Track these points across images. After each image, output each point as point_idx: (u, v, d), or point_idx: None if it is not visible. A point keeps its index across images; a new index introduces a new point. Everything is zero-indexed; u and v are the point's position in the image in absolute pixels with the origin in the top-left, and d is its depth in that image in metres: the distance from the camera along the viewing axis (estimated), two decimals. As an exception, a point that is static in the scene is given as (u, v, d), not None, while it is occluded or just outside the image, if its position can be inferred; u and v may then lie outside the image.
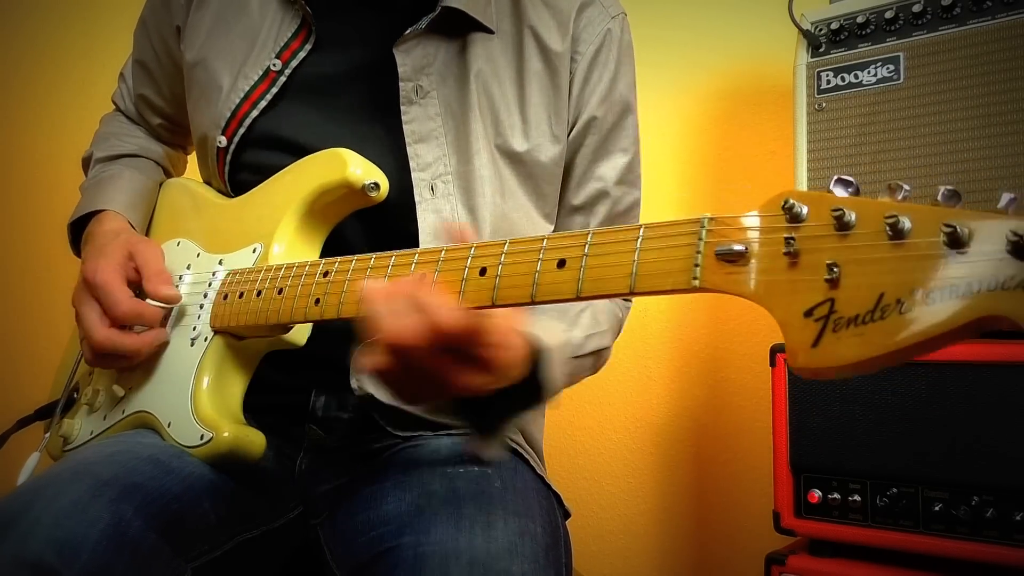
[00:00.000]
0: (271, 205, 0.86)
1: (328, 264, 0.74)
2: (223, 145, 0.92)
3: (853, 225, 0.45)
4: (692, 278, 0.51)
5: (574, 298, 0.57)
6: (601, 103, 0.95)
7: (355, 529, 0.81)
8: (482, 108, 0.91)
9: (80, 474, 0.70)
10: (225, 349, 0.83)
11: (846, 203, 0.45)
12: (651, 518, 1.62)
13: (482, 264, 0.62)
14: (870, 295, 0.43)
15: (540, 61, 0.93)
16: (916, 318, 0.41)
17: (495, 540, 0.71)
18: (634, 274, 0.54)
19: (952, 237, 0.40)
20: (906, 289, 0.41)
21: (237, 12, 0.96)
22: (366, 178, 0.79)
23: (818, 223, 0.46)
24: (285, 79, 0.92)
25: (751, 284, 0.49)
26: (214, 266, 0.88)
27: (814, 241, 0.46)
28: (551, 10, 0.95)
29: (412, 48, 0.89)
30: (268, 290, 0.78)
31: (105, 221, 0.95)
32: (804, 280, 0.46)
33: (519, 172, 0.92)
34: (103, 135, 1.11)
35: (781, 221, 0.48)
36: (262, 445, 0.80)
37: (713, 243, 0.51)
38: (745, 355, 1.56)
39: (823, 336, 0.44)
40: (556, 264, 0.58)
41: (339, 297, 0.71)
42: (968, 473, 0.95)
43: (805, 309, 0.45)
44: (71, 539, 0.64)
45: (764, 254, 0.48)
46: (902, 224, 0.42)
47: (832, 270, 0.44)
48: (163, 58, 1.06)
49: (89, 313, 0.84)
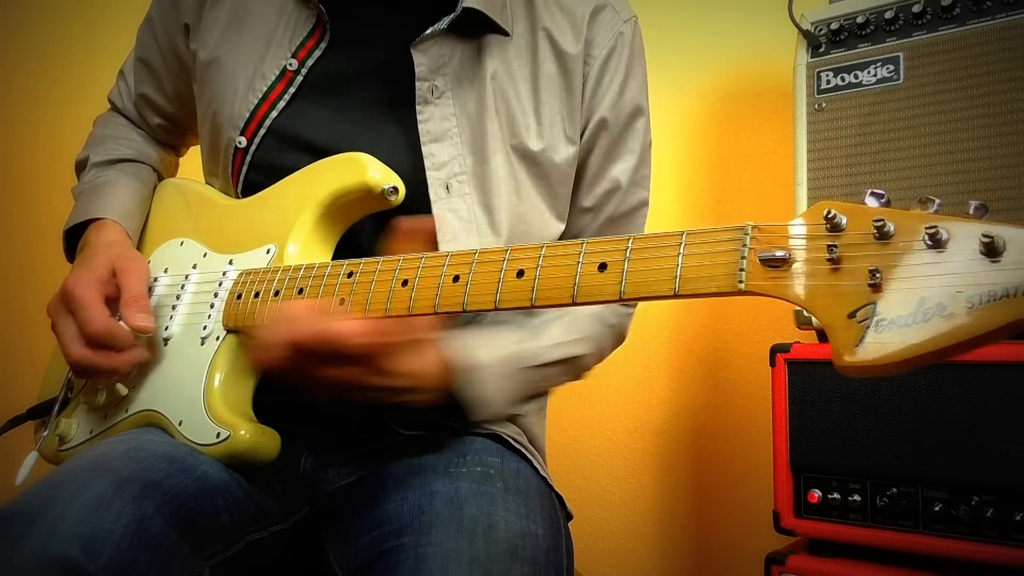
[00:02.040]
0: (285, 207, 0.86)
1: (352, 265, 0.74)
2: (243, 146, 0.92)
3: (893, 234, 0.48)
4: (738, 281, 0.54)
5: (617, 300, 0.60)
6: (613, 105, 0.96)
7: (357, 529, 0.81)
8: (498, 109, 0.91)
9: (99, 470, 0.70)
10: (238, 348, 0.83)
11: (886, 214, 0.49)
12: (651, 518, 1.62)
13: (519, 267, 0.64)
14: (911, 299, 0.46)
15: (554, 64, 0.94)
16: (957, 321, 0.45)
17: (496, 541, 0.71)
18: (678, 277, 0.57)
19: (989, 247, 0.44)
20: (947, 294, 0.45)
21: (252, 12, 0.96)
22: (385, 182, 0.80)
23: (859, 232, 0.50)
24: (301, 79, 0.92)
25: (796, 288, 0.52)
26: (224, 266, 0.88)
27: (856, 248, 0.49)
28: (565, 13, 0.96)
29: (429, 48, 0.89)
30: (287, 290, 0.78)
31: (103, 231, 0.94)
32: (847, 284, 0.49)
33: (534, 173, 0.93)
34: (99, 137, 1.10)
35: (823, 230, 0.51)
36: (277, 446, 0.80)
37: (757, 249, 0.54)
38: (745, 355, 1.56)
39: (867, 336, 0.47)
40: (598, 268, 0.61)
41: (366, 297, 0.72)
42: (968, 473, 0.95)
43: (849, 312, 0.48)
44: (96, 535, 0.64)
45: (808, 260, 0.52)
46: (941, 234, 0.46)
47: (874, 275, 0.48)
48: (168, 56, 1.06)
49: (66, 328, 0.83)
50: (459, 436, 0.89)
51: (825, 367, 1.05)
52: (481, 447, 0.87)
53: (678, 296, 0.57)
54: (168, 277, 0.92)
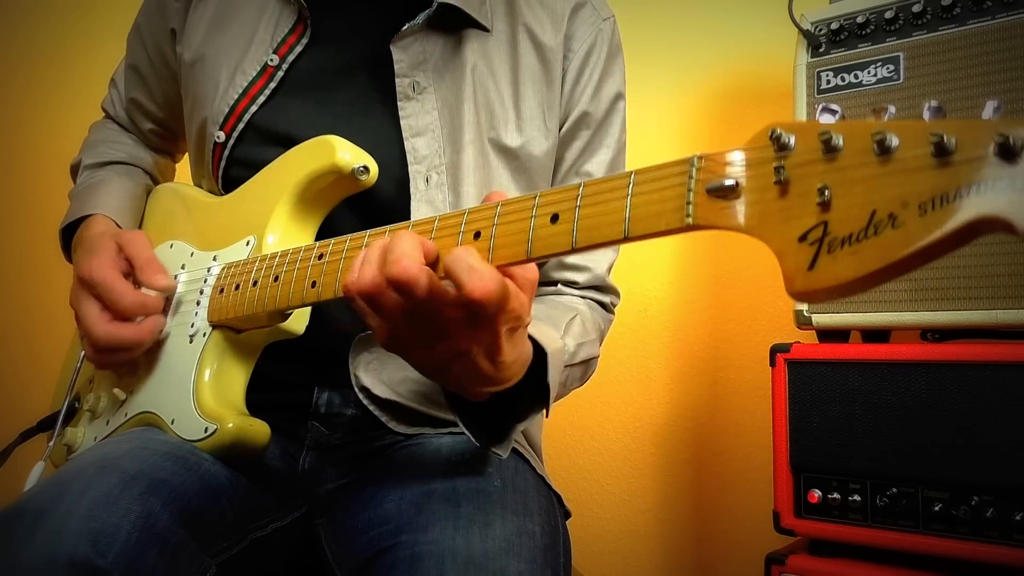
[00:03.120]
0: (262, 198, 0.86)
1: (322, 246, 0.74)
2: (221, 140, 0.93)
3: (841, 148, 0.45)
4: (685, 216, 0.51)
5: (570, 250, 0.57)
6: (592, 99, 0.98)
7: (355, 528, 0.81)
8: (477, 101, 0.93)
9: (106, 468, 0.70)
10: (224, 343, 0.83)
11: (832, 127, 0.45)
12: (651, 518, 1.62)
13: (476, 228, 0.62)
14: (862, 213, 0.43)
15: (534, 56, 0.96)
16: (909, 230, 0.41)
17: (492, 539, 0.71)
18: (627, 219, 0.54)
19: (939, 147, 0.40)
20: (897, 203, 0.42)
21: (235, 10, 0.98)
22: (355, 162, 0.80)
23: (806, 149, 0.46)
24: (283, 74, 0.93)
25: (744, 216, 0.49)
26: (208, 262, 0.88)
27: (803, 167, 0.46)
28: (545, 9, 0.98)
29: (409, 44, 0.91)
30: (264, 279, 0.78)
31: (94, 225, 0.96)
32: (796, 206, 0.46)
33: (513, 166, 0.94)
34: (92, 142, 1.11)
35: (770, 152, 0.48)
36: (267, 434, 0.80)
37: (704, 180, 0.51)
38: (745, 355, 1.56)
39: (818, 258, 0.44)
40: (550, 219, 0.58)
41: (335, 276, 0.71)
42: (968, 473, 0.95)
43: (799, 235, 0.45)
44: (104, 530, 0.64)
45: (755, 186, 0.48)
46: (889, 141, 0.43)
47: (823, 193, 0.45)
48: (156, 62, 1.07)
49: (89, 310, 0.84)
50: (456, 435, 0.89)
51: (825, 367, 1.05)
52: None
53: (629, 239, 0.54)
54: None
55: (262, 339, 0.84)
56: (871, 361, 1.02)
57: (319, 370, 0.91)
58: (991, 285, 1.00)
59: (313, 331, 0.84)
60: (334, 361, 0.89)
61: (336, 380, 0.89)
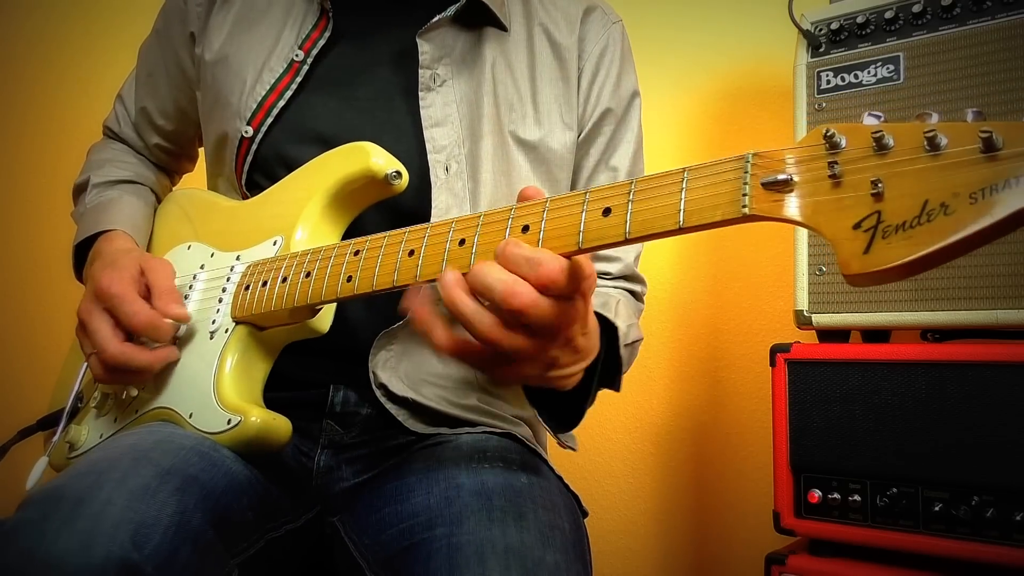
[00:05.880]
0: (291, 200, 0.87)
1: (358, 243, 0.75)
2: (248, 135, 0.94)
3: (892, 146, 0.48)
4: (741, 207, 0.54)
5: (623, 241, 0.59)
6: (613, 96, 1.02)
7: (382, 522, 0.81)
8: (496, 96, 0.96)
9: (140, 460, 0.70)
10: (248, 338, 0.83)
11: (884, 127, 0.49)
12: (651, 518, 1.62)
13: (524, 222, 0.64)
14: (915, 203, 0.46)
15: (550, 54, 1.00)
16: (961, 216, 0.44)
17: (528, 530, 0.72)
18: (682, 211, 0.57)
19: (988, 143, 0.44)
20: (948, 192, 0.45)
21: (261, 12, 1.00)
22: (388, 168, 0.82)
23: (858, 147, 0.50)
24: (307, 68, 0.95)
25: (798, 208, 0.52)
26: (231, 262, 0.89)
27: (857, 162, 0.50)
28: (559, 11, 1.02)
29: (434, 37, 0.94)
30: (295, 275, 0.79)
31: (114, 240, 0.96)
32: (849, 197, 0.49)
33: (532, 157, 0.97)
34: (98, 161, 1.11)
35: (822, 150, 0.51)
36: (288, 430, 0.80)
37: (758, 175, 0.54)
38: (745, 355, 1.56)
39: (873, 243, 0.48)
40: (601, 213, 0.61)
41: (373, 272, 0.72)
42: (968, 473, 0.94)
43: (854, 223, 0.49)
44: (145, 521, 0.64)
45: (808, 179, 0.51)
46: (939, 139, 0.46)
47: (876, 186, 0.48)
48: (172, 69, 1.08)
49: (102, 325, 0.83)
50: (475, 435, 0.89)
51: (825, 367, 1.05)
52: (499, 444, 0.88)
53: (683, 230, 0.57)
54: (176, 279, 0.92)
55: (284, 337, 0.85)
56: (871, 361, 1.02)
57: (336, 368, 0.91)
58: (991, 285, 1.00)
59: (331, 329, 0.84)
60: (352, 359, 0.89)
61: (352, 378, 0.90)
